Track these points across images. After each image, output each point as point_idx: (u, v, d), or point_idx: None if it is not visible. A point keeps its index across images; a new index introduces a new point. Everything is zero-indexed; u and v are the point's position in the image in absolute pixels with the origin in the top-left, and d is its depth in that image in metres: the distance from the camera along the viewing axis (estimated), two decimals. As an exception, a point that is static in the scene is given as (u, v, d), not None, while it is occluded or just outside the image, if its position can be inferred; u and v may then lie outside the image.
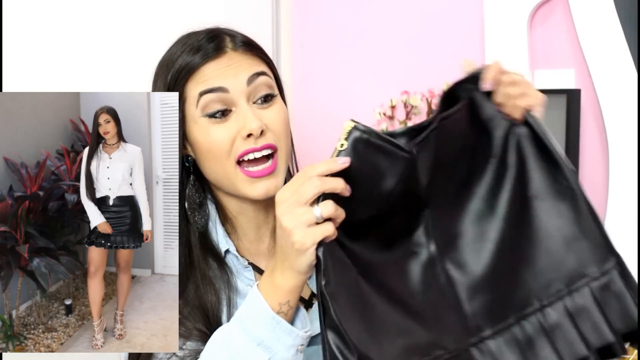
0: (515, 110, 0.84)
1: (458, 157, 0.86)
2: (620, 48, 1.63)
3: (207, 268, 0.95)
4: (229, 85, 0.92)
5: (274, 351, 0.79)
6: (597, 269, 0.82)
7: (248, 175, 0.92)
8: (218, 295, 0.94)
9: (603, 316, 0.80)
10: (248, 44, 0.96)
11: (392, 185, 0.79)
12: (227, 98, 0.92)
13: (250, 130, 0.90)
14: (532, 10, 1.76)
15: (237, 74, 0.92)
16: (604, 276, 0.82)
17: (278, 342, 0.80)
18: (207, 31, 0.96)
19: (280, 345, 0.80)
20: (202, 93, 0.92)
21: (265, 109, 0.94)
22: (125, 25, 1.67)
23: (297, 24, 2.20)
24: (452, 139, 0.84)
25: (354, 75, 2.09)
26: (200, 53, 0.93)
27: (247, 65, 0.93)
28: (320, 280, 0.76)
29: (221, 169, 0.94)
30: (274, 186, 0.93)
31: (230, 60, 0.93)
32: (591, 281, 0.82)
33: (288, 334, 0.80)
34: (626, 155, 1.64)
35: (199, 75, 0.93)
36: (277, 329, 0.80)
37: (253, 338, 0.80)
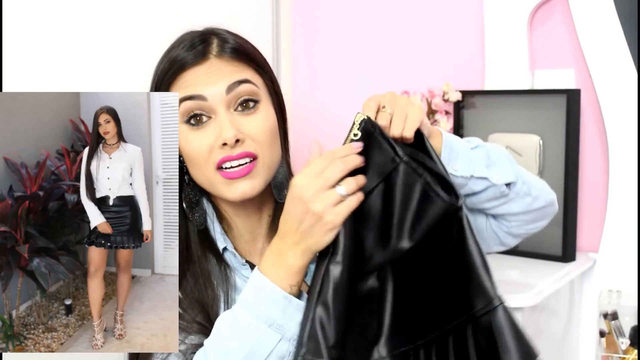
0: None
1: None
2: (620, 48, 1.63)
3: (206, 263, 0.97)
4: (208, 93, 0.92)
5: (285, 329, 0.82)
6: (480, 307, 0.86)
7: (225, 176, 0.92)
8: (216, 290, 0.95)
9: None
10: (235, 50, 0.95)
11: (373, 185, 0.84)
12: (206, 106, 0.92)
13: (225, 139, 0.90)
14: (532, 10, 1.76)
15: (217, 81, 0.92)
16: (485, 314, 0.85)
17: (290, 319, 0.82)
18: (201, 32, 0.96)
19: (291, 323, 0.82)
20: (182, 100, 0.92)
21: (246, 116, 0.93)
22: (125, 25, 1.67)
23: (297, 24, 2.20)
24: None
25: (354, 75, 2.09)
26: (190, 52, 0.93)
27: (227, 73, 0.93)
28: (329, 256, 0.81)
29: (201, 174, 0.94)
30: (250, 188, 0.93)
31: (211, 68, 0.93)
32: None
33: (300, 310, 0.82)
34: (626, 155, 1.64)
35: (181, 81, 0.93)
36: (289, 308, 0.82)
37: (264, 320, 0.82)
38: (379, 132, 0.84)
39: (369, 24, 2.07)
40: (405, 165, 0.83)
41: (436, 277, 0.87)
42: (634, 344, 1.55)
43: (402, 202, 0.84)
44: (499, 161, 0.97)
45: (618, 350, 1.56)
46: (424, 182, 0.83)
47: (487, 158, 0.97)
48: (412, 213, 0.84)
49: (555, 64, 1.79)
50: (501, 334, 0.83)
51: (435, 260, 0.87)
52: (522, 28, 1.77)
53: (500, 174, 0.96)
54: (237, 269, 0.98)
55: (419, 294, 0.88)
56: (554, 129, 1.66)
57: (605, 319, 1.60)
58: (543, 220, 1.06)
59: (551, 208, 1.05)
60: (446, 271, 0.87)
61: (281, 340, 0.82)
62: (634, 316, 1.57)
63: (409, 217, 0.84)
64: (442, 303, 0.87)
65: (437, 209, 0.83)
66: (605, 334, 1.59)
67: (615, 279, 1.65)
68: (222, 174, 0.92)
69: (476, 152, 0.97)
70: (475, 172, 0.95)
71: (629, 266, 1.63)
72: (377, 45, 2.05)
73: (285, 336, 0.82)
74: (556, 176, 1.66)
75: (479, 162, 0.96)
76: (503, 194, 0.97)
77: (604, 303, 1.61)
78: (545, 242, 1.67)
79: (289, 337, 0.82)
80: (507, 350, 0.82)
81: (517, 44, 1.78)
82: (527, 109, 1.71)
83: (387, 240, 0.85)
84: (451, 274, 0.86)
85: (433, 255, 0.87)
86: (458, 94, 1.79)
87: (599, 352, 1.60)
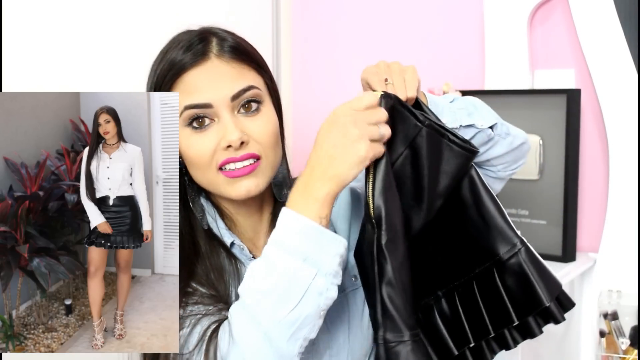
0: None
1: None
2: (620, 48, 1.63)
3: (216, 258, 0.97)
4: (213, 100, 0.92)
5: (320, 264, 0.80)
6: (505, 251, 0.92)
7: (228, 176, 0.92)
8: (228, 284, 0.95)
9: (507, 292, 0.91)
10: (235, 49, 0.95)
11: (400, 152, 0.88)
12: (210, 111, 0.92)
13: (230, 142, 0.91)
14: (532, 10, 1.76)
15: (221, 86, 0.92)
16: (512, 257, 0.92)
17: (323, 252, 0.80)
18: (199, 32, 0.96)
19: (325, 256, 0.80)
20: (187, 107, 0.92)
21: (250, 117, 0.93)
22: (125, 25, 1.67)
23: (297, 23, 2.20)
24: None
25: (354, 75, 2.09)
26: (189, 53, 0.93)
27: (230, 76, 0.93)
28: (381, 238, 0.83)
29: (203, 176, 0.94)
30: (255, 185, 0.93)
31: (214, 69, 0.93)
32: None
33: (332, 241, 0.80)
34: (626, 155, 1.64)
35: (183, 83, 0.93)
36: (321, 240, 0.80)
37: (299, 254, 0.79)
38: (398, 102, 0.87)
39: (369, 23, 2.07)
40: (427, 129, 0.87)
41: (460, 229, 0.93)
42: (634, 344, 1.55)
43: (430, 163, 0.89)
44: (478, 109, 1.04)
45: (618, 351, 1.56)
46: (447, 139, 0.88)
47: (466, 108, 1.04)
48: (441, 171, 0.90)
49: (555, 64, 1.78)
50: (526, 273, 0.89)
51: (457, 214, 0.93)
52: (522, 28, 1.77)
53: (483, 119, 1.03)
54: (245, 263, 0.99)
55: (446, 249, 0.94)
56: (554, 129, 1.66)
57: (605, 319, 1.60)
58: (522, 159, 1.12)
59: (527, 145, 1.12)
60: (468, 223, 0.93)
61: (317, 275, 0.79)
62: (634, 316, 1.57)
63: (439, 175, 0.90)
64: (468, 253, 0.93)
65: (463, 160, 0.90)
66: (605, 334, 1.59)
67: (615, 279, 1.65)
68: (224, 174, 0.92)
69: (456, 104, 1.04)
70: (462, 122, 1.01)
71: (629, 266, 1.63)
72: (377, 45, 2.05)
73: (322, 271, 0.79)
74: (556, 176, 1.66)
75: (462, 112, 1.02)
76: (490, 137, 1.04)
77: (604, 303, 1.61)
78: (545, 242, 1.67)
79: (325, 271, 0.79)
80: (534, 286, 0.88)
81: (517, 44, 1.78)
82: (527, 109, 1.71)
83: (421, 203, 0.90)
84: (473, 225, 0.92)
85: (455, 209, 0.93)
86: (458, 94, 1.79)
87: (599, 352, 1.61)
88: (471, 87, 1.85)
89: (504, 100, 1.74)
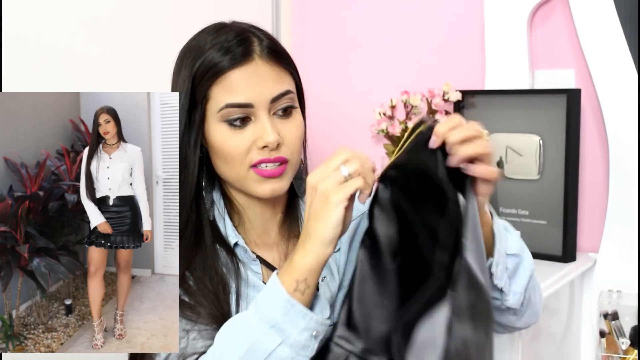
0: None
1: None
2: (620, 48, 1.63)
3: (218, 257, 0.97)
4: (255, 101, 0.94)
5: (287, 334, 0.82)
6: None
7: (260, 174, 0.95)
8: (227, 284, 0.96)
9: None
10: (275, 52, 0.98)
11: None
12: (250, 111, 0.94)
13: (267, 142, 0.93)
14: (532, 10, 1.76)
15: (264, 90, 0.94)
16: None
17: (291, 324, 0.82)
18: (237, 32, 0.97)
19: (293, 328, 0.82)
20: (229, 105, 0.94)
21: (283, 120, 0.96)
22: (126, 25, 1.67)
23: (297, 24, 2.20)
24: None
25: (354, 75, 2.09)
26: (228, 56, 0.94)
27: (272, 80, 0.95)
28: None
29: (234, 171, 0.96)
30: (280, 187, 0.96)
31: (257, 70, 0.94)
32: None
33: (302, 317, 0.83)
34: (626, 155, 1.64)
35: (226, 81, 0.94)
36: (291, 312, 0.82)
37: (266, 320, 0.82)
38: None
39: (369, 23, 2.07)
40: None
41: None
42: (634, 344, 1.55)
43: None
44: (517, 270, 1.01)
45: (618, 351, 1.56)
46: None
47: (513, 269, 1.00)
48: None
49: (555, 64, 1.78)
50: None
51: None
52: (522, 28, 1.77)
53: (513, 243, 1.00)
54: (247, 264, 0.99)
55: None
56: (554, 129, 1.66)
57: (606, 319, 1.60)
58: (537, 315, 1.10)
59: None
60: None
61: (282, 345, 0.82)
62: (634, 316, 1.57)
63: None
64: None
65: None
66: (605, 334, 1.59)
67: (615, 279, 1.65)
68: (256, 172, 0.95)
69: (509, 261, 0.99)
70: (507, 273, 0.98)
71: (629, 266, 1.63)
72: (377, 45, 2.05)
73: (287, 341, 0.82)
74: (556, 176, 1.66)
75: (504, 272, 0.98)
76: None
77: (604, 303, 1.61)
78: (545, 242, 1.67)
79: (291, 343, 0.82)
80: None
81: (517, 44, 1.77)
82: (527, 109, 1.71)
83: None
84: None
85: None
86: (458, 94, 1.79)
87: (599, 352, 1.60)
88: (471, 87, 1.85)
89: (504, 100, 1.74)
